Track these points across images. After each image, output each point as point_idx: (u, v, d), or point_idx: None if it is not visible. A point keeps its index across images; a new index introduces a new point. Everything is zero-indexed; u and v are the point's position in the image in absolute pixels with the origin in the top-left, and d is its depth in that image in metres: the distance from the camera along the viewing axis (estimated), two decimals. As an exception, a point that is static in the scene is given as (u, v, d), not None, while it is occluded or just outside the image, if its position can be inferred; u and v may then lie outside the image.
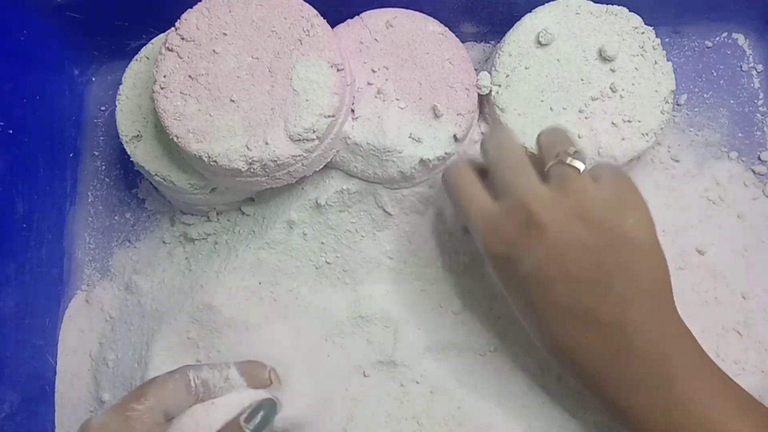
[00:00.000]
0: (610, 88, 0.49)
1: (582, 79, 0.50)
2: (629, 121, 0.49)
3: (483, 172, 0.45)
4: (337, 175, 0.51)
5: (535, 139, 0.45)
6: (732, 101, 0.57)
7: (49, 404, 0.54)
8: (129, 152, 0.50)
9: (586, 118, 0.49)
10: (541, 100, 0.50)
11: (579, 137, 0.49)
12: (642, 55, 0.50)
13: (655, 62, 0.50)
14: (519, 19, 0.52)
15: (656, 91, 0.50)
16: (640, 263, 0.39)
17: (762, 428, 0.36)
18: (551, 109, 0.49)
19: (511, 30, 0.52)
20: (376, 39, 0.51)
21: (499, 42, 0.60)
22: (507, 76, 0.50)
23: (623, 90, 0.50)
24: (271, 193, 0.52)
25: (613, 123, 0.49)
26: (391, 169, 0.48)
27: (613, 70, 0.50)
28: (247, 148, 0.44)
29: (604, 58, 0.50)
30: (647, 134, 0.49)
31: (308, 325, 0.51)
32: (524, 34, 0.51)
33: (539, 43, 0.50)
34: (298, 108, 0.44)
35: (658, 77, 0.50)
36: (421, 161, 0.48)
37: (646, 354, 0.38)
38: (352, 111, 0.49)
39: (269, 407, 0.43)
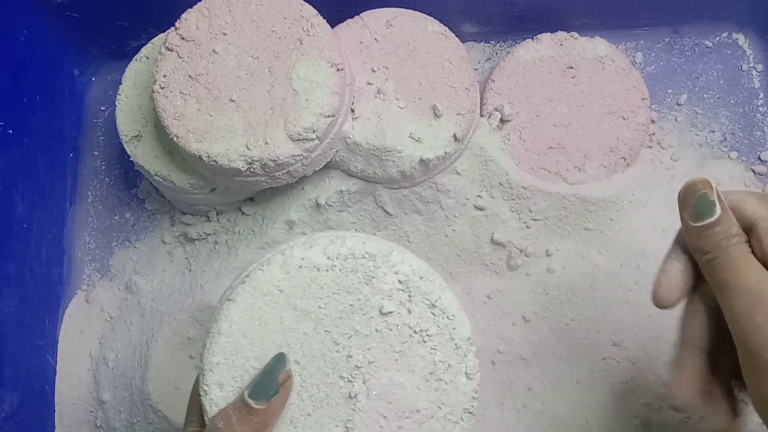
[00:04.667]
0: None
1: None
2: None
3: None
4: (337, 175, 0.51)
5: None
6: (732, 101, 0.57)
7: (49, 404, 0.54)
8: (129, 152, 0.50)
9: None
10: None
11: None
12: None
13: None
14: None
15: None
16: None
17: None
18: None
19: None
20: (376, 39, 0.51)
21: (499, 42, 0.60)
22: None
23: None
24: (271, 193, 0.52)
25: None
26: (391, 169, 0.48)
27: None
28: (247, 148, 0.44)
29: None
30: None
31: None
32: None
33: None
34: (298, 108, 0.44)
35: None
36: (421, 161, 0.48)
37: None
38: (352, 111, 0.49)
39: (273, 369, 0.33)
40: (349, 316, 0.34)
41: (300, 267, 0.34)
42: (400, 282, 0.34)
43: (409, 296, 0.34)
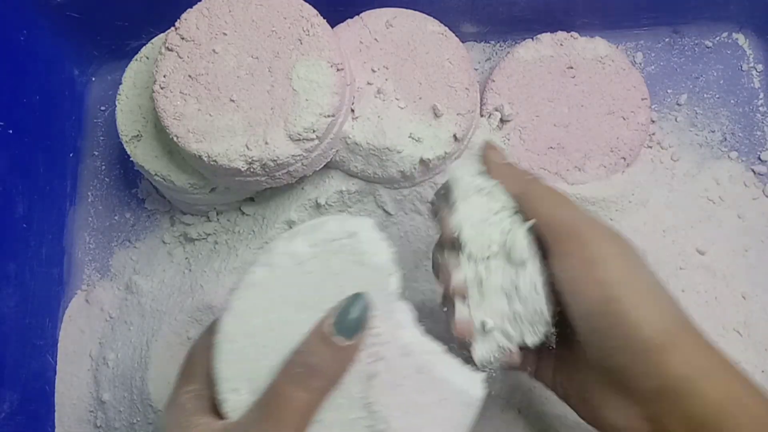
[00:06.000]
0: None
1: None
2: None
3: None
4: (337, 175, 0.51)
5: None
6: (732, 101, 0.57)
7: (49, 404, 0.54)
8: (129, 152, 0.50)
9: None
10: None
11: None
12: None
13: None
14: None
15: None
16: None
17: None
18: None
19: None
20: (376, 39, 0.51)
21: (499, 42, 0.60)
22: None
23: None
24: (271, 193, 0.52)
25: None
26: (391, 169, 0.48)
27: None
28: (247, 148, 0.44)
29: None
30: None
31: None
32: None
33: None
34: (297, 108, 0.44)
35: None
36: (421, 161, 0.48)
37: None
38: (352, 111, 0.49)
39: (358, 303, 0.32)
40: (344, 296, 0.33)
41: (285, 261, 0.34)
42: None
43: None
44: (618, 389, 0.34)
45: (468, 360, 0.36)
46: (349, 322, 0.32)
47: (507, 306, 0.36)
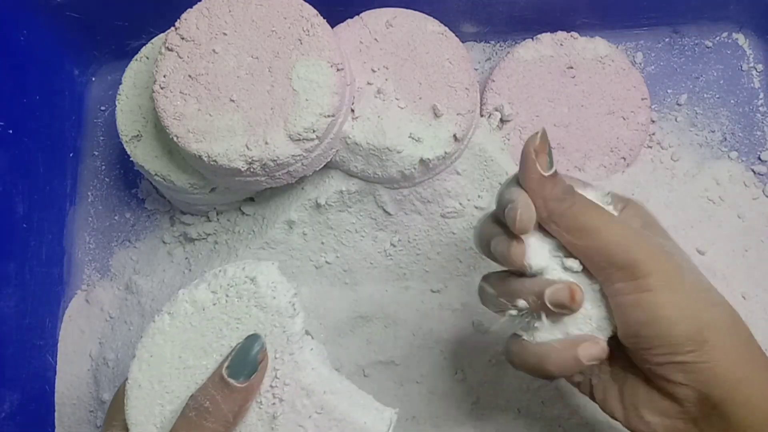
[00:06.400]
0: None
1: None
2: None
3: None
4: (337, 175, 0.51)
5: None
6: (732, 101, 0.57)
7: (49, 404, 0.54)
8: (129, 152, 0.50)
9: None
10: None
11: None
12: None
13: None
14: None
15: None
16: None
17: None
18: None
19: None
20: (376, 39, 0.51)
21: (499, 42, 0.60)
22: None
23: None
24: (271, 193, 0.52)
25: None
26: (391, 169, 0.48)
27: None
28: (247, 148, 0.44)
29: None
30: None
31: (308, 325, 0.51)
32: None
33: None
34: (297, 108, 0.44)
35: None
36: (421, 161, 0.48)
37: None
38: (352, 111, 0.49)
39: (250, 345, 0.34)
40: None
41: (186, 309, 0.36)
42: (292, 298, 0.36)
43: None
44: (658, 389, 0.35)
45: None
46: (242, 363, 0.33)
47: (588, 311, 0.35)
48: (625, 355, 0.36)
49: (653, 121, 0.56)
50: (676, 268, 0.34)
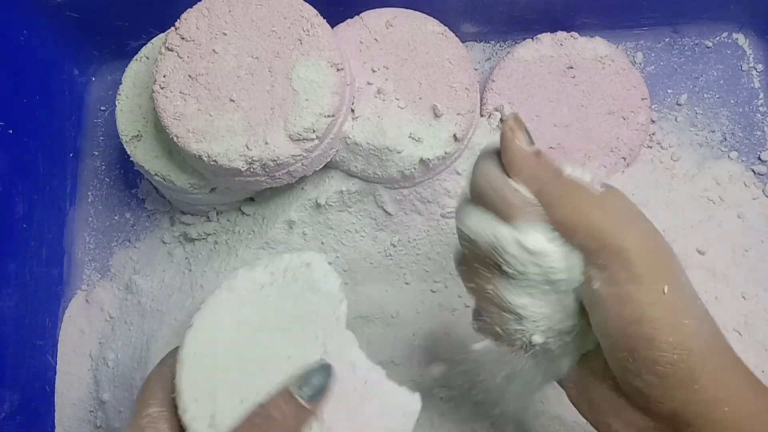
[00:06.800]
0: None
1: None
2: None
3: None
4: (337, 175, 0.51)
5: None
6: (732, 101, 0.57)
7: (49, 404, 0.54)
8: (129, 152, 0.50)
9: None
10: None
11: None
12: None
13: None
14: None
15: None
16: None
17: None
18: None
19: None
20: (376, 39, 0.51)
21: (499, 42, 0.60)
22: None
23: None
24: (271, 193, 0.52)
25: None
26: (391, 169, 0.48)
27: None
28: (247, 148, 0.44)
29: None
30: None
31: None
32: None
33: None
34: (297, 108, 0.44)
35: None
36: (421, 161, 0.48)
37: None
38: (352, 111, 0.49)
39: (324, 371, 0.35)
40: (299, 318, 0.37)
41: (245, 286, 0.38)
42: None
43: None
44: (635, 404, 0.33)
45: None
46: (313, 387, 0.34)
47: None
48: (600, 357, 0.34)
49: (653, 121, 0.56)
50: (667, 265, 0.32)
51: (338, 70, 0.45)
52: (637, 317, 0.30)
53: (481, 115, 0.54)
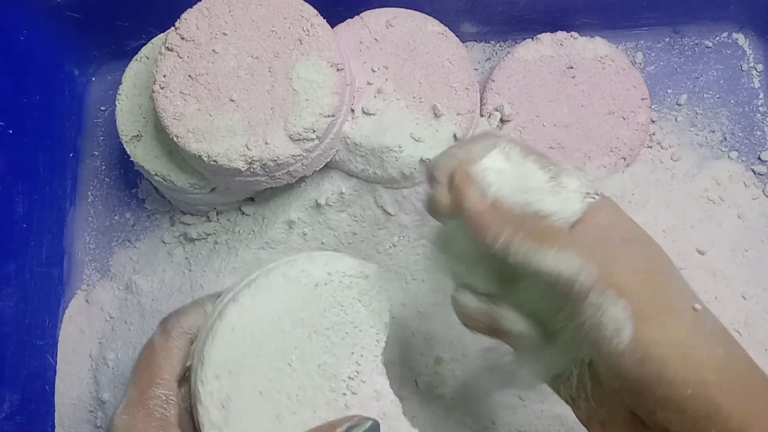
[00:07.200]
0: None
1: None
2: None
3: None
4: (337, 175, 0.51)
5: None
6: (732, 101, 0.57)
7: (49, 404, 0.54)
8: (129, 152, 0.50)
9: None
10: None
11: None
12: None
13: None
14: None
15: None
16: None
17: None
18: None
19: None
20: (376, 39, 0.51)
21: (499, 42, 0.60)
22: None
23: None
24: (271, 193, 0.52)
25: None
26: (391, 169, 0.48)
27: None
28: (247, 148, 0.44)
29: None
30: None
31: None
32: None
33: None
34: (297, 108, 0.44)
35: None
36: (422, 161, 0.48)
37: None
38: (352, 111, 0.49)
39: (373, 428, 0.34)
40: (342, 328, 0.36)
41: (301, 278, 0.36)
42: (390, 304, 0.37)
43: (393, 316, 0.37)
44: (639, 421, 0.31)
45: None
46: None
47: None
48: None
49: (653, 121, 0.56)
50: (663, 291, 0.30)
51: (338, 70, 0.45)
52: (639, 359, 0.29)
53: (481, 115, 0.54)
